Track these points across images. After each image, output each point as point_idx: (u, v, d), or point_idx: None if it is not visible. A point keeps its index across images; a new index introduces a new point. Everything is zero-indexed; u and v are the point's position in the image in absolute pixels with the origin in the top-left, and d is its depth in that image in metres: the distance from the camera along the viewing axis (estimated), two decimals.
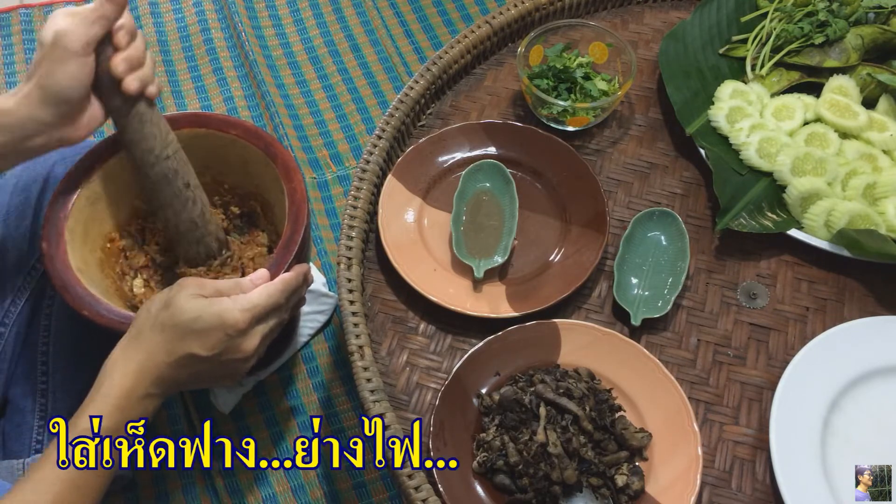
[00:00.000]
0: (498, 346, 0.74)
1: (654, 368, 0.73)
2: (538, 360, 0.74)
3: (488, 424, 0.70)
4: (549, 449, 0.66)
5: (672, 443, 0.70)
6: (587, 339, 0.75)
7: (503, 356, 0.74)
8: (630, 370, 0.74)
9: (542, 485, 0.66)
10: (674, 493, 0.68)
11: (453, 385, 0.72)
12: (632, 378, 0.73)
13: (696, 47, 0.94)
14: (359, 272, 0.79)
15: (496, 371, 0.74)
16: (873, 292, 0.81)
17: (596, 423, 0.69)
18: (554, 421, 0.68)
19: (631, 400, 0.73)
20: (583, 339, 0.75)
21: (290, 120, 1.36)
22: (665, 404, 0.72)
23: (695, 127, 0.88)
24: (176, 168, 0.78)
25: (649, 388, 0.73)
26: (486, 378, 0.73)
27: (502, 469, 0.68)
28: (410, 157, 0.86)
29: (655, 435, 0.70)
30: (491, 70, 0.97)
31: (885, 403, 0.73)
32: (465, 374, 0.73)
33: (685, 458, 0.69)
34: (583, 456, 0.67)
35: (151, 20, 1.50)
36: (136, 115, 0.75)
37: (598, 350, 0.75)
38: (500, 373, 0.74)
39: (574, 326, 0.76)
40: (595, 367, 0.74)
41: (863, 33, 0.91)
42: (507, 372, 0.74)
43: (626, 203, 0.86)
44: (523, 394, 0.70)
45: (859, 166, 0.83)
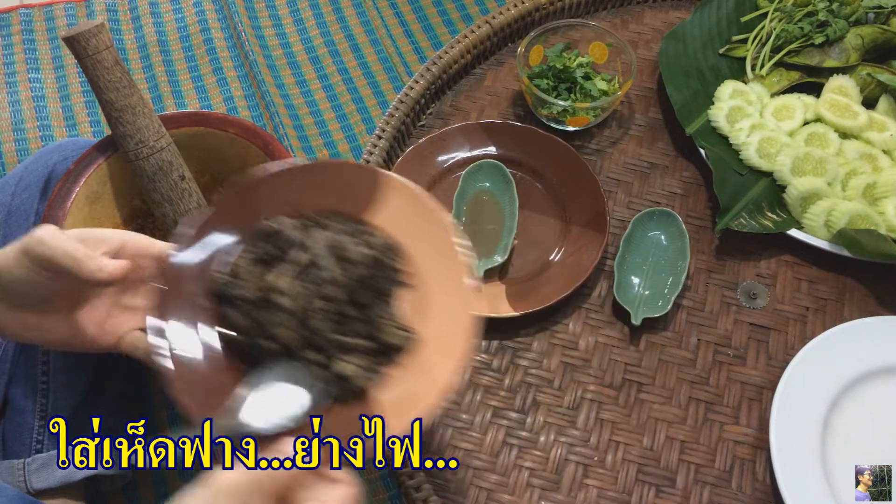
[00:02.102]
0: (305, 180, 0.60)
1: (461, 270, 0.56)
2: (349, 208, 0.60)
3: (250, 248, 0.57)
4: (278, 298, 0.54)
5: (438, 359, 0.55)
6: (411, 210, 0.60)
7: (312, 194, 0.60)
8: (437, 264, 0.57)
9: (257, 332, 0.54)
10: (398, 412, 0.55)
11: (243, 195, 0.59)
12: (434, 273, 0.57)
13: (696, 47, 0.94)
14: None
15: (295, 203, 0.60)
16: (873, 292, 0.81)
17: (353, 296, 0.55)
18: (312, 276, 0.55)
19: (425, 298, 0.57)
20: (407, 207, 0.60)
21: (290, 120, 1.36)
22: (450, 318, 0.56)
23: (695, 127, 0.88)
24: (171, 160, 0.79)
25: (448, 295, 0.56)
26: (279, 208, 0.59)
27: (232, 299, 0.55)
28: (410, 157, 0.86)
29: (427, 346, 0.55)
30: (491, 70, 0.97)
31: (885, 403, 0.73)
32: (260, 191, 0.60)
33: (436, 379, 0.54)
34: (310, 322, 0.54)
35: (151, 20, 1.50)
36: (129, 108, 0.75)
37: (416, 225, 0.59)
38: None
39: (402, 187, 0.60)
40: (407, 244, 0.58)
41: (863, 33, 0.91)
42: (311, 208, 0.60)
43: (626, 203, 0.86)
44: (299, 232, 0.56)
45: (859, 166, 0.83)
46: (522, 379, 0.76)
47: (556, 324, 0.79)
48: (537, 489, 0.71)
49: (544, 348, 0.78)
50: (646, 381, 0.76)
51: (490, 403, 0.75)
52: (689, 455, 0.72)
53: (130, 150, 0.77)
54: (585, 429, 0.73)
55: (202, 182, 0.89)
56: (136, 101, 0.76)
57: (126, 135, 0.76)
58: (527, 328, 0.79)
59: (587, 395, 0.75)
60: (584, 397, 0.75)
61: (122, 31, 1.49)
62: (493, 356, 0.77)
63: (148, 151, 0.77)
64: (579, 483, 0.71)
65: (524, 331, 0.79)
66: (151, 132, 0.77)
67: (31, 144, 1.33)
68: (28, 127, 1.35)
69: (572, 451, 0.72)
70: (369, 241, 0.57)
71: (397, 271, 0.57)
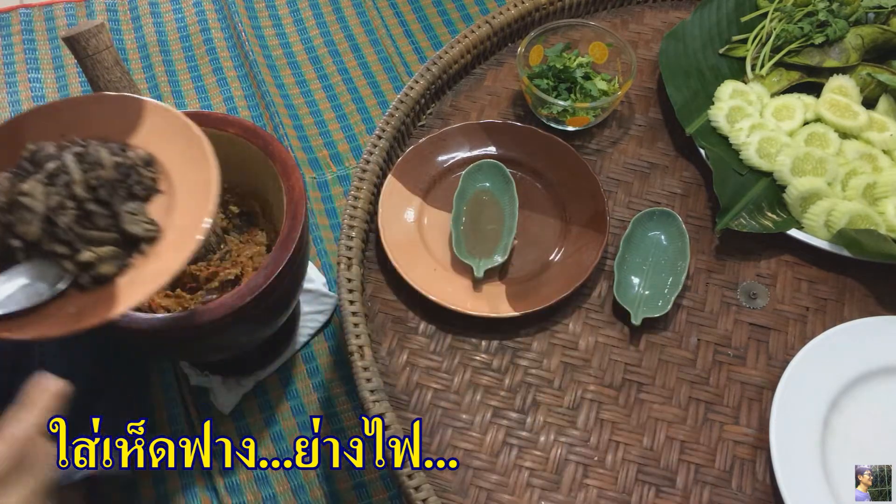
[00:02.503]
0: (70, 112, 0.68)
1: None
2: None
3: (10, 169, 0.63)
4: (24, 199, 0.59)
5: (174, 247, 0.61)
6: (170, 129, 0.67)
7: (78, 124, 0.67)
8: (187, 171, 0.65)
9: (5, 234, 0.60)
10: (129, 291, 0.60)
11: (11, 130, 0.66)
12: (184, 178, 0.65)
13: (696, 47, 0.94)
14: (359, 272, 0.79)
15: (62, 133, 0.66)
16: (873, 292, 0.81)
17: (98, 195, 0.61)
18: (61, 180, 0.61)
19: (174, 198, 0.64)
20: (167, 127, 0.67)
21: (290, 120, 1.36)
22: (192, 214, 0.63)
23: (695, 127, 0.88)
24: None
25: (193, 196, 0.64)
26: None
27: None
28: (410, 157, 0.86)
29: (167, 237, 0.62)
30: (491, 70, 0.97)
31: (885, 403, 0.73)
32: (27, 125, 0.67)
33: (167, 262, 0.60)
34: (57, 218, 0.59)
35: (151, 20, 1.50)
36: None
37: (173, 141, 0.66)
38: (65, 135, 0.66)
39: (163, 110, 0.67)
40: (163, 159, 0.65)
41: (863, 33, 0.91)
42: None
43: (626, 203, 0.86)
44: (55, 149, 0.63)
45: (859, 166, 0.83)
46: (522, 379, 0.76)
47: (556, 324, 0.79)
48: (537, 489, 0.71)
49: (544, 348, 0.78)
50: (646, 381, 0.76)
51: (490, 403, 0.75)
52: (689, 455, 0.72)
53: None
54: (585, 429, 0.73)
55: None
56: None
57: None
58: (527, 328, 0.79)
59: (587, 395, 0.75)
60: (584, 397, 0.75)
61: (122, 31, 1.49)
62: (493, 356, 0.77)
63: None
64: (579, 483, 0.71)
65: (524, 331, 0.79)
66: None
67: None
68: None
69: (572, 451, 0.72)
70: (123, 153, 0.64)
71: (148, 177, 0.65)
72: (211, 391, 1.07)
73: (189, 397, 1.08)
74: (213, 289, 0.87)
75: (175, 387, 1.09)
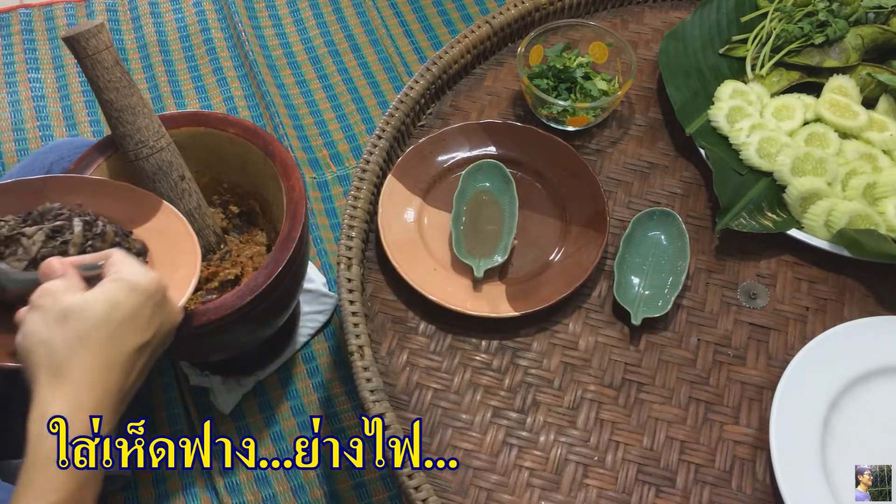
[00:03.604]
0: (92, 189, 0.77)
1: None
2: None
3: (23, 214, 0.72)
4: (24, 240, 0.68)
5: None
6: (165, 224, 0.77)
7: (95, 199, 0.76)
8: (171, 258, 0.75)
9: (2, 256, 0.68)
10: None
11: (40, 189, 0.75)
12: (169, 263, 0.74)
13: (696, 47, 0.94)
14: (359, 272, 0.79)
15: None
16: (873, 292, 0.81)
17: (84, 250, 0.70)
18: (60, 236, 0.70)
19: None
20: (163, 222, 0.77)
21: (290, 120, 1.36)
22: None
23: (695, 127, 0.88)
24: (170, 160, 0.79)
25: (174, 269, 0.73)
26: None
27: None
28: (410, 157, 0.86)
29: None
30: (491, 70, 0.97)
31: (885, 403, 0.73)
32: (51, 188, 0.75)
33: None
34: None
35: (151, 20, 1.50)
36: (129, 108, 0.75)
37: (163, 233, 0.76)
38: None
39: (165, 209, 0.77)
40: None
41: (863, 33, 0.91)
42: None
43: (626, 203, 0.86)
44: (67, 211, 0.72)
45: (859, 166, 0.83)
46: (522, 379, 0.76)
47: (556, 324, 0.79)
48: (537, 489, 0.71)
49: (544, 348, 0.78)
50: (646, 381, 0.76)
51: (490, 403, 0.75)
52: (689, 455, 0.72)
53: (130, 150, 0.77)
54: (585, 429, 0.73)
55: (202, 182, 0.89)
56: (136, 101, 0.76)
57: (126, 135, 0.76)
58: (527, 328, 0.79)
59: (587, 395, 0.75)
60: (584, 397, 0.75)
61: (122, 31, 1.49)
62: (493, 356, 0.77)
63: (148, 151, 0.77)
64: (579, 483, 0.71)
65: (524, 331, 0.79)
66: (151, 132, 0.77)
67: (31, 144, 1.33)
68: (28, 127, 1.35)
69: (572, 451, 0.72)
70: (125, 238, 0.73)
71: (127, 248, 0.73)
72: (211, 391, 1.07)
73: (189, 397, 1.08)
74: (213, 289, 0.87)
75: (175, 387, 1.09)
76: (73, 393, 0.52)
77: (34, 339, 0.53)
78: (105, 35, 0.73)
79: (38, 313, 0.54)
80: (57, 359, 0.52)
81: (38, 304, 0.54)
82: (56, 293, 0.54)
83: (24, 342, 0.53)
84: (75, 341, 0.52)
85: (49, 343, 0.52)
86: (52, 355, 0.52)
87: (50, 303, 0.54)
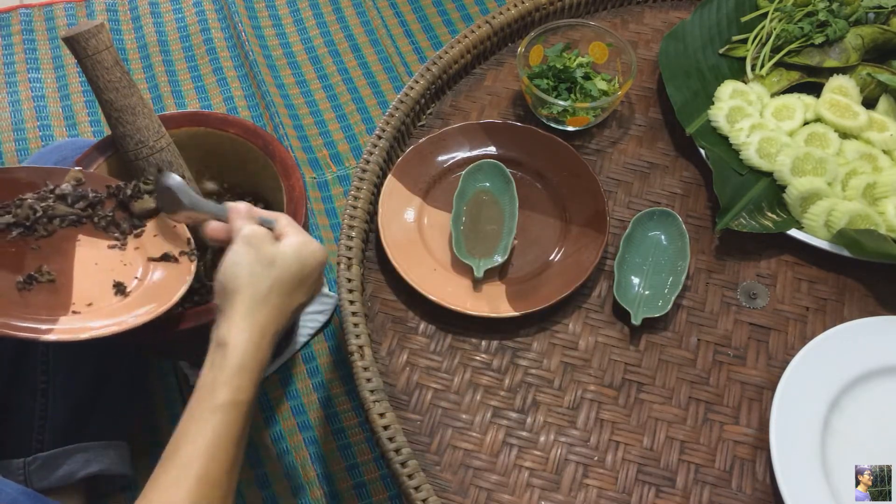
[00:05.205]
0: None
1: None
2: None
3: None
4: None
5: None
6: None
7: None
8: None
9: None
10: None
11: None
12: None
13: (696, 47, 0.94)
14: (359, 272, 0.79)
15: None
16: (873, 292, 0.81)
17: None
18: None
19: None
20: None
21: (290, 120, 1.36)
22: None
23: (695, 127, 0.88)
24: (171, 160, 0.79)
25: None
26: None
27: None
28: (410, 157, 0.86)
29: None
30: (491, 70, 0.97)
31: (885, 403, 0.73)
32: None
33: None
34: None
35: (151, 20, 1.50)
36: (129, 108, 0.75)
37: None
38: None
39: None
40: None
41: (863, 33, 0.91)
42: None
43: (626, 203, 0.86)
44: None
45: (859, 166, 0.83)
46: (522, 379, 0.76)
47: (556, 324, 0.79)
48: (537, 489, 0.71)
49: (544, 348, 0.78)
50: (646, 381, 0.76)
51: (490, 403, 0.75)
52: (689, 455, 0.72)
53: (130, 150, 0.77)
54: (585, 429, 0.73)
55: (202, 182, 0.89)
56: (136, 101, 0.76)
57: (126, 135, 0.76)
58: (527, 328, 0.79)
59: (587, 395, 0.75)
60: (584, 397, 0.75)
61: (122, 31, 1.49)
62: (493, 356, 0.77)
63: (148, 151, 0.77)
64: (579, 483, 0.71)
65: (524, 331, 0.79)
66: (151, 132, 0.77)
67: (31, 144, 1.33)
68: (28, 127, 1.35)
69: (572, 451, 0.72)
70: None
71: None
72: None
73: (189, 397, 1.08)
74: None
75: (175, 387, 1.09)
76: (262, 321, 0.62)
77: (245, 270, 0.63)
78: (105, 35, 0.73)
79: (253, 251, 0.63)
80: (259, 290, 0.62)
81: (251, 242, 0.64)
82: (265, 239, 0.64)
83: (234, 268, 0.63)
84: (275, 283, 0.63)
85: (257, 277, 0.63)
86: (256, 286, 0.62)
87: (261, 246, 0.64)
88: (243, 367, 0.60)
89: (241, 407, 0.60)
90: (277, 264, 0.63)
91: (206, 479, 0.56)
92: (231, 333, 0.61)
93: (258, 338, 0.61)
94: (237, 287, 0.62)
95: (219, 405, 0.59)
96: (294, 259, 0.64)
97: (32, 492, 0.71)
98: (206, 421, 0.58)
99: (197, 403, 0.59)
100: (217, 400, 0.59)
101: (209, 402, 0.59)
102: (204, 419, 0.58)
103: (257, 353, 0.61)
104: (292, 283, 0.64)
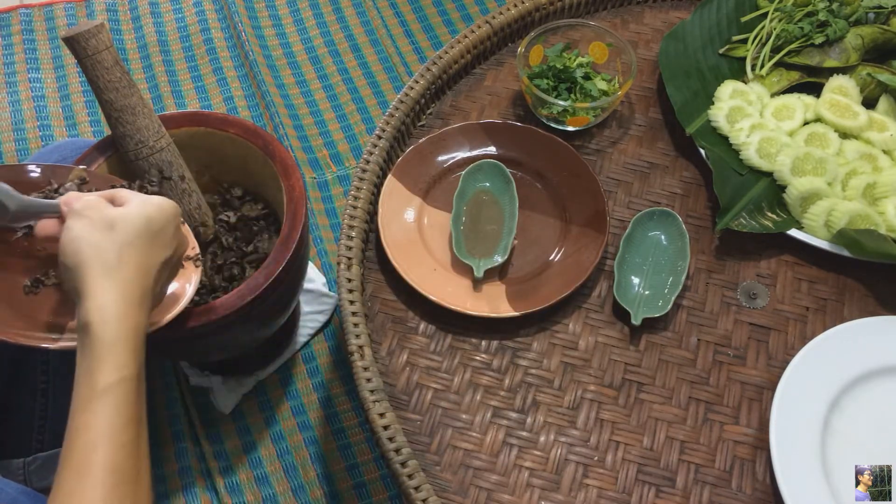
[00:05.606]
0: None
1: None
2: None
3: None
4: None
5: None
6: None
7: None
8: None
9: None
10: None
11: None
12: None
13: (696, 47, 0.94)
14: (359, 272, 0.79)
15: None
16: (873, 292, 0.81)
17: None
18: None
19: None
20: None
21: (290, 120, 1.36)
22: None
23: (695, 127, 0.88)
24: (170, 160, 0.79)
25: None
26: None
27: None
28: (410, 157, 0.86)
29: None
30: (491, 70, 0.97)
31: (885, 403, 0.73)
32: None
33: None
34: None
35: (151, 20, 1.50)
36: (129, 108, 0.75)
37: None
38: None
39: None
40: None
41: (863, 33, 0.91)
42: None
43: (626, 203, 0.86)
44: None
45: (859, 166, 0.83)
46: (522, 379, 0.76)
47: (556, 324, 0.79)
48: (537, 489, 0.71)
49: (544, 348, 0.78)
50: (646, 381, 0.76)
51: (490, 403, 0.75)
52: (689, 455, 0.72)
53: (130, 150, 0.77)
54: (585, 429, 0.73)
55: (202, 182, 0.89)
56: (136, 101, 0.76)
57: (126, 135, 0.76)
58: (527, 328, 0.79)
59: (587, 395, 0.75)
60: (584, 397, 0.75)
61: (122, 31, 1.49)
62: (493, 356, 0.77)
63: (148, 151, 0.77)
64: (579, 483, 0.71)
65: (524, 331, 0.79)
66: (151, 132, 0.77)
67: (31, 144, 1.33)
68: (28, 127, 1.35)
69: (572, 451, 0.72)
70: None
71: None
72: (211, 391, 1.07)
73: (189, 397, 1.08)
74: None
75: (175, 387, 1.09)
76: (121, 287, 0.58)
77: (83, 242, 0.58)
78: (105, 35, 0.73)
79: (85, 220, 0.59)
80: (107, 258, 0.58)
81: (83, 213, 0.60)
82: (98, 206, 0.60)
83: (72, 244, 0.59)
84: (123, 246, 0.59)
85: (99, 245, 0.58)
86: (101, 255, 0.58)
87: (95, 213, 0.60)
88: (116, 341, 0.56)
89: (128, 383, 0.56)
90: (118, 227, 0.59)
91: (113, 468, 0.53)
92: (91, 312, 0.56)
93: (123, 306, 0.57)
94: (81, 261, 0.58)
95: (102, 390, 0.55)
96: (137, 215, 0.60)
97: (32, 491, 0.71)
98: (93, 411, 0.55)
99: (78, 397, 0.56)
100: (98, 385, 0.55)
101: (89, 390, 0.55)
102: (90, 410, 0.55)
103: (125, 321, 0.57)
104: (142, 239, 0.60)
